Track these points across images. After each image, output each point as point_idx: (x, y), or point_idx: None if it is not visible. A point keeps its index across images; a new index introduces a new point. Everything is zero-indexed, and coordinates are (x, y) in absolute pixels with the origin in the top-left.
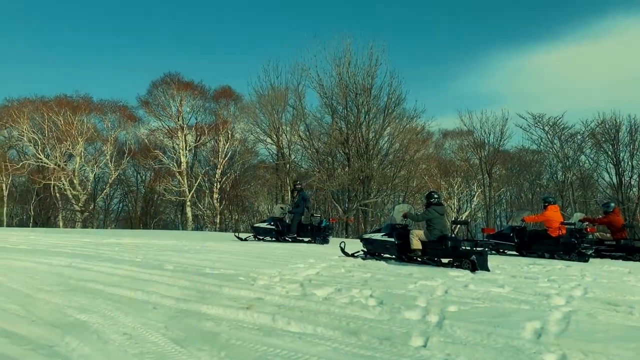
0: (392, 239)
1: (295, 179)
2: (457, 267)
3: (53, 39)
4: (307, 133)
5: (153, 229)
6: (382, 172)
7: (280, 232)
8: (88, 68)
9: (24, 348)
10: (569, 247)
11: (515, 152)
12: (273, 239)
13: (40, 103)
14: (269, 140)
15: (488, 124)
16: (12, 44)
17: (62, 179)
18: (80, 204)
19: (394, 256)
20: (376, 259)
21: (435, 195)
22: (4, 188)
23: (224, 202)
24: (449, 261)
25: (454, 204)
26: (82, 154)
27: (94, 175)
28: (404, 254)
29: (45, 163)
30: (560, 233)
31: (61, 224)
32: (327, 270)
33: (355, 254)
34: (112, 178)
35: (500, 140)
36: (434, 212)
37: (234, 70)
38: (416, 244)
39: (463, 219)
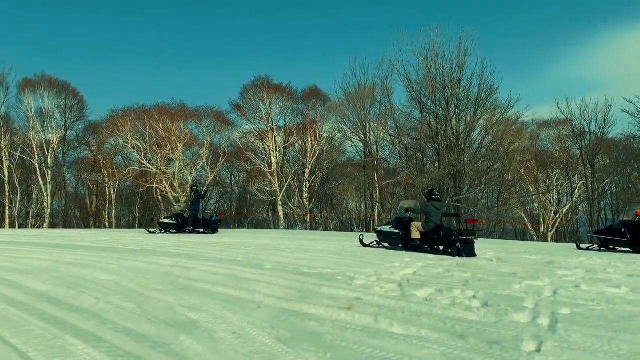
0: (398, 230)
1: (192, 182)
2: (447, 253)
3: (149, 50)
4: (396, 129)
5: (247, 227)
6: (475, 166)
7: (181, 225)
8: (183, 76)
9: (144, 346)
10: None
11: (621, 139)
12: (175, 231)
13: (142, 112)
14: (356, 137)
15: (589, 111)
16: (112, 57)
17: (164, 182)
18: (180, 205)
19: (399, 245)
20: (386, 248)
21: (436, 192)
22: (112, 192)
23: (313, 201)
24: (442, 248)
25: (553, 198)
26: (181, 158)
27: (193, 178)
28: (406, 243)
29: (148, 168)
30: None
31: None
32: (425, 270)
33: (371, 244)
34: (209, 180)
35: (604, 127)
36: (431, 206)
37: (320, 70)
38: (415, 234)
39: (557, 213)
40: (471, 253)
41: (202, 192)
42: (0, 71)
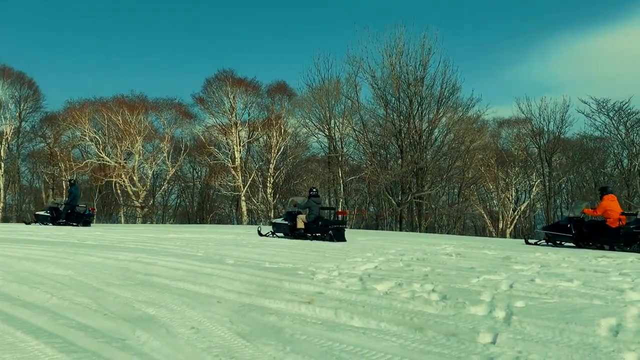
0: (287, 222)
1: (69, 178)
2: (323, 239)
3: (106, 39)
4: (361, 125)
5: (209, 223)
6: (437, 163)
7: (55, 218)
8: (143, 68)
9: (98, 341)
10: (630, 238)
11: (577, 139)
12: (49, 223)
13: (100, 104)
14: (320, 133)
15: (547, 111)
16: (68, 46)
17: (123, 176)
18: (140, 200)
19: (289, 233)
20: (278, 236)
21: (314, 190)
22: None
23: (277, 196)
24: (320, 235)
25: (511, 195)
26: (141, 151)
27: (153, 172)
28: (293, 232)
29: (106, 161)
30: (621, 224)
31: (122, 220)
32: (386, 265)
33: (267, 234)
34: (170, 174)
35: (561, 127)
36: (312, 202)
37: (288, 65)
38: (300, 224)
39: (525, 209)
40: (341, 238)
41: (77, 187)
42: None
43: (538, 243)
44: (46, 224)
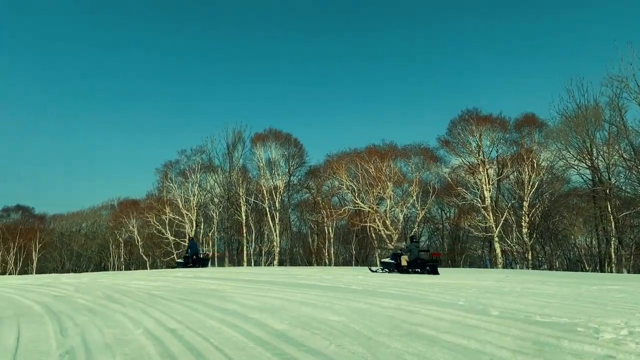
0: (393, 261)
1: (190, 233)
2: (421, 273)
3: (356, 97)
4: (632, 152)
5: (461, 266)
6: None
7: (186, 263)
8: (392, 119)
9: None
10: None
11: None
12: (182, 267)
13: (354, 155)
14: (581, 164)
15: None
16: (327, 107)
17: (376, 220)
18: (392, 243)
19: (394, 270)
20: (386, 271)
21: (415, 238)
22: (330, 231)
23: (534, 236)
24: (419, 270)
25: None
26: (392, 196)
27: (403, 215)
28: (399, 269)
29: (361, 207)
30: None
31: (377, 262)
32: None
33: (376, 270)
34: (420, 217)
35: None
36: (412, 246)
37: (534, 96)
38: (404, 263)
39: None
40: (435, 272)
41: (194, 241)
42: (238, 129)
43: None
44: (179, 267)
